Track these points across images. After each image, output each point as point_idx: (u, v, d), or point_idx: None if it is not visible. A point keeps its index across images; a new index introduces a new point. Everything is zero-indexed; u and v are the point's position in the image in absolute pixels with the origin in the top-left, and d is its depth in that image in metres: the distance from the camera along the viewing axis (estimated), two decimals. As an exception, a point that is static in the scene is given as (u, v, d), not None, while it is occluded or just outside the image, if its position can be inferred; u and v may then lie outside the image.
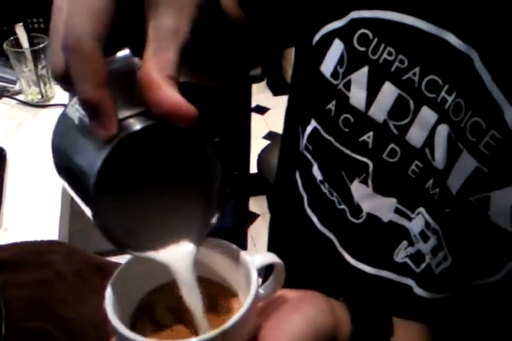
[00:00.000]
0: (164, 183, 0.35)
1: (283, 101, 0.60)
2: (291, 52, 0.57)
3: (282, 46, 0.62)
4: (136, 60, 0.32)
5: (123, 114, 0.31)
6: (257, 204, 1.91)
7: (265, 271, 0.40)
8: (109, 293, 0.36)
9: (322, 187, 0.52)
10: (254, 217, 1.94)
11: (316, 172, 0.52)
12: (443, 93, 0.41)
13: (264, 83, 2.67)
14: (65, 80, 0.31)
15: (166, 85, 0.30)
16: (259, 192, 1.85)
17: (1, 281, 0.64)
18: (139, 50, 0.32)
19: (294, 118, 0.59)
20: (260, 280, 0.38)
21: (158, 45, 0.31)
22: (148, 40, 0.32)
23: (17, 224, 0.78)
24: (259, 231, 1.88)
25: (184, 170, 0.35)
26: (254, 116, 1.80)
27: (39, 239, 0.73)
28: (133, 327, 0.38)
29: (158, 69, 0.31)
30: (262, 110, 2.51)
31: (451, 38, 0.39)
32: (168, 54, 0.31)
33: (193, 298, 0.36)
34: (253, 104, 1.71)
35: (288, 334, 0.36)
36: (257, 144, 1.63)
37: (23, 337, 0.59)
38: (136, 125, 0.31)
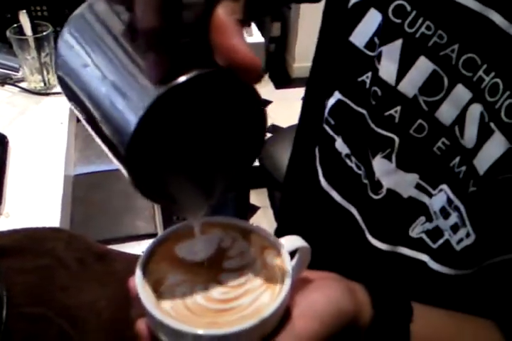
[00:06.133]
0: (202, 135, 0.32)
1: (285, 94, 0.59)
2: (294, 46, 0.55)
3: None
4: None
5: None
6: (258, 197, 1.91)
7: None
8: (138, 273, 0.37)
9: (348, 161, 0.52)
10: (254, 209, 1.94)
11: (341, 146, 0.52)
12: (480, 72, 0.40)
13: (266, 76, 2.65)
14: None
15: (238, 33, 0.28)
16: (260, 185, 1.84)
17: (2, 267, 0.64)
18: None
19: (315, 92, 0.57)
20: None
21: None
22: None
23: (19, 211, 0.78)
24: (259, 224, 1.87)
25: (226, 124, 0.32)
26: (257, 109, 1.79)
27: (41, 225, 0.73)
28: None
29: (229, 12, 0.28)
30: (264, 103, 2.50)
31: (496, 17, 0.38)
32: None
33: None
34: (255, 97, 1.70)
35: (312, 312, 0.37)
36: (259, 137, 1.63)
37: (24, 323, 0.59)
38: (193, 70, 0.28)
